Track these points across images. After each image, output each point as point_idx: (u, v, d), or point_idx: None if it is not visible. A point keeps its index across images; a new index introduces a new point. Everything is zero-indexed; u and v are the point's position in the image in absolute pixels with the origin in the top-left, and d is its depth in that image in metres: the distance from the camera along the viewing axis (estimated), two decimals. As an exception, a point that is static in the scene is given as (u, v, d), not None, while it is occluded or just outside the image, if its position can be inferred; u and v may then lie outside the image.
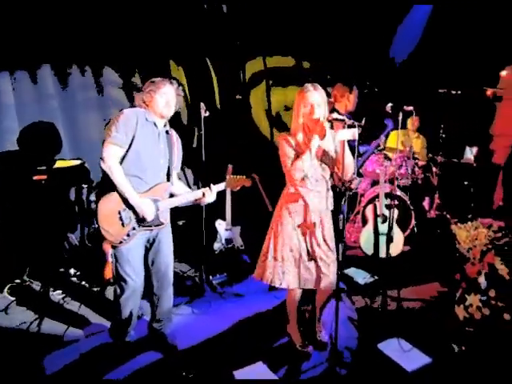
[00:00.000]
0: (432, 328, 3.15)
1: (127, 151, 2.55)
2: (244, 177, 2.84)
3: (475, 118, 5.16)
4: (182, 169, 4.44)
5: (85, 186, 3.93)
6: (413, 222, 4.50)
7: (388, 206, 4.27)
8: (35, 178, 3.56)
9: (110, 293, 3.64)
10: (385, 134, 4.48)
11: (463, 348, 2.91)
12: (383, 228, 4.25)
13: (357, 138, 2.35)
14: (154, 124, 2.64)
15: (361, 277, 3.99)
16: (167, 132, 2.73)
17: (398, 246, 4.18)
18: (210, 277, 3.94)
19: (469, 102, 4.72)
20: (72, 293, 3.71)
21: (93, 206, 3.99)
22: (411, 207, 4.50)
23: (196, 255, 4.22)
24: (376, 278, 3.95)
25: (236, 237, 4.27)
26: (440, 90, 3.89)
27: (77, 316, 3.40)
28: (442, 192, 4.84)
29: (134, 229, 2.64)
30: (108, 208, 2.57)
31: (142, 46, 4.04)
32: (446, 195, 4.93)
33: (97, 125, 4.24)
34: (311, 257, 2.70)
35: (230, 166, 4.31)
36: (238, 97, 4.65)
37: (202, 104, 3.65)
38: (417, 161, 4.80)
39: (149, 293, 2.95)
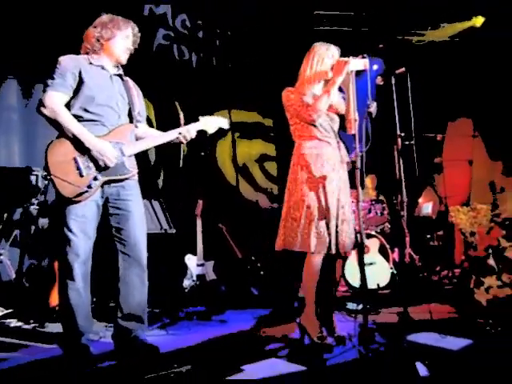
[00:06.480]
0: (457, 321, 2.77)
1: (75, 97, 2.17)
2: (219, 116, 2.54)
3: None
4: (149, 200, 3.99)
5: (35, 202, 3.28)
6: (391, 258, 4.29)
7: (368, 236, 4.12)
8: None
9: (51, 327, 2.79)
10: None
11: (499, 328, 2.54)
12: (367, 258, 3.99)
13: (368, 67, 2.33)
14: (102, 68, 2.28)
15: (351, 305, 3.53)
16: (120, 76, 2.35)
17: (385, 275, 3.89)
18: (184, 309, 3.24)
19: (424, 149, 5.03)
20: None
21: (41, 223, 3.33)
22: (387, 245, 4.34)
23: (163, 290, 3.52)
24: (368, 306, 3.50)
25: (209, 272, 3.71)
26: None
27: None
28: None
29: (95, 179, 2.13)
30: (60, 154, 2.10)
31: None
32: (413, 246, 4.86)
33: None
34: (324, 215, 2.38)
35: (200, 201, 4.00)
36: (202, 153, 4.58)
37: (181, 115, 3.50)
38: (384, 204, 4.83)
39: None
